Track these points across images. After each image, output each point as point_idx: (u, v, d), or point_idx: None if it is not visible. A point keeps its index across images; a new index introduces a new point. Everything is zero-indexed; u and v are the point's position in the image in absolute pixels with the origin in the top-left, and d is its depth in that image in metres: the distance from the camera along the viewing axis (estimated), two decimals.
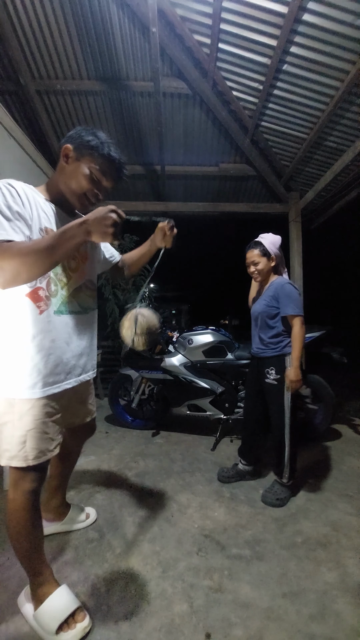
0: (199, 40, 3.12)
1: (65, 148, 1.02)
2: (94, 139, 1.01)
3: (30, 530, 1.05)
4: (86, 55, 3.31)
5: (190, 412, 2.76)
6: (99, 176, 1.03)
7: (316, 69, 2.85)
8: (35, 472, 1.04)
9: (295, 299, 1.77)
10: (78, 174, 1.02)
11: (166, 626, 1.10)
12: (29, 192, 0.98)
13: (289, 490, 1.86)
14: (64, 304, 1.06)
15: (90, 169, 1.01)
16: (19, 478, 1.02)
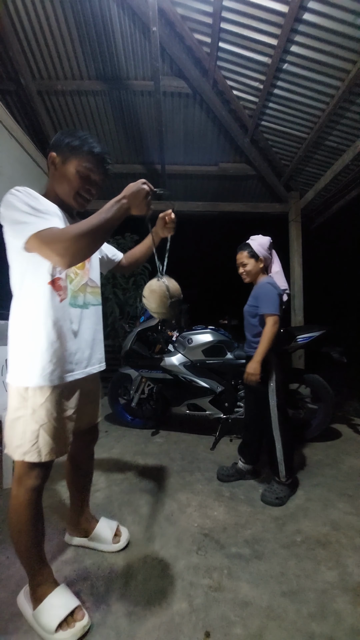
0: (199, 39, 3.12)
1: (50, 156, 1.07)
2: (74, 140, 1.06)
3: (31, 528, 1.05)
4: (87, 55, 3.32)
5: (189, 412, 2.76)
6: (87, 173, 1.07)
7: (317, 68, 2.85)
8: (42, 468, 1.05)
9: (271, 298, 1.79)
10: (68, 176, 1.06)
11: (165, 625, 1.09)
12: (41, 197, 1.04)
13: (289, 488, 1.86)
14: (74, 297, 1.12)
15: (77, 168, 1.06)
16: (24, 474, 1.03)
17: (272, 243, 1.95)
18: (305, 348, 2.65)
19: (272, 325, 1.76)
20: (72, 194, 1.08)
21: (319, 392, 2.56)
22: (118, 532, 1.47)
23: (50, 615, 1.04)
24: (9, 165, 2.98)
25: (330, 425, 2.71)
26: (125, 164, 4.70)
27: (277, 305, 1.78)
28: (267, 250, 1.93)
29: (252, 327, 1.92)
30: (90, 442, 1.41)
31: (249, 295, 1.97)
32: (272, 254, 1.97)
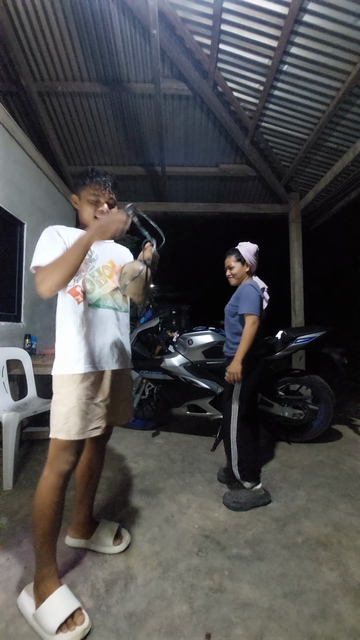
0: (200, 41, 3.14)
1: (72, 198, 1.33)
2: (79, 179, 1.28)
3: (52, 513, 1.11)
4: (87, 58, 3.33)
5: (190, 413, 2.75)
6: (96, 199, 1.27)
7: (316, 69, 2.86)
8: (72, 450, 1.16)
9: (251, 298, 1.82)
10: (85, 208, 1.28)
11: (166, 627, 1.09)
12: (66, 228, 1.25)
13: (255, 496, 1.78)
14: (101, 300, 1.28)
15: (88, 199, 1.27)
16: (56, 456, 1.15)
17: (258, 251, 2.00)
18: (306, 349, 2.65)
19: (251, 324, 1.79)
20: (91, 218, 1.27)
21: (319, 393, 2.56)
22: (119, 534, 1.48)
23: (51, 616, 1.05)
24: (10, 167, 2.99)
25: (331, 426, 2.71)
26: (126, 166, 4.71)
27: (257, 305, 1.81)
28: (254, 257, 1.98)
29: (232, 325, 1.96)
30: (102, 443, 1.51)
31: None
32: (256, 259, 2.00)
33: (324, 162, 4.00)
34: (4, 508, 1.76)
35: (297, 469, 2.22)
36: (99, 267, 1.31)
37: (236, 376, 1.79)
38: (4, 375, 2.47)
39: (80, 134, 4.22)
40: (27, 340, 3.06)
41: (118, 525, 1.51)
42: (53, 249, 1.15)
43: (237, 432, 1.82)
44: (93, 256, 1.29)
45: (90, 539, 1.44)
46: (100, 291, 1.29)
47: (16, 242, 3.22)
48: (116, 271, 1.35)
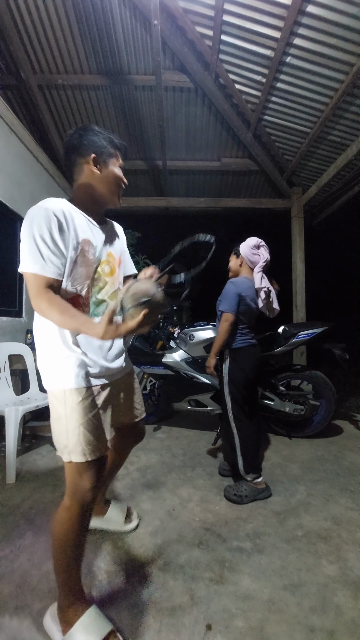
0: (201, 32, 3.08)
1: (94, 159, 1.06)
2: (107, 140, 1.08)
3: (77, 541, 1.00)
4: (87, 49, 3.28)
5: (191, 407, 2.77)
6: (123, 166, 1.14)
7: (320, 61, 2.82)
8: (93, 470, 1.01)
9: (227, 296, 1.89)
10: (113, 175, 1.09)
11: (167, 618, 1.10)
12: (66, 210, 1.02)
13: (255, 490, 1.80)
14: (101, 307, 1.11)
15: (119, 165, 1.12)
16: (75, 478, 0.99)
17: (261, 244, 1.96)
18: (307, 344, 2.65)
19: (223, 321, 1.88)
20: (117, 192, 1.12)
21: (320, 388, 2.56)
22: (129, 514, 1.57)
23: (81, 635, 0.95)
24: (10, 161, 2.97)
25: (332, 422, 2.72)
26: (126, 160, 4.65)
27: (232, 303, 1.86)
28: (252, 249, 1.96)
29: (218, 321, 2.00)
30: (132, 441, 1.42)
31: None
32: (260, 253, 1.96)
33: (327, 155, 3.96)
34: (7, 501, 1.78)
35: (298, 464, 2.23)
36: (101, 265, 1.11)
37: (209, 370, 1.97)
38: (6, 370, 2.48)
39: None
40: (28, 335, 3.07)
41: (128, 506, 1.60)
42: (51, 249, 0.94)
43: (236, 425, 1.86)
44: (95, 254, 1.08)
45: (102, 518, 1.51)
46: (99, 297, 1.11)
47: (16, 237, 3.21)
48: (117, 264, 1.18)
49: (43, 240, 0.93)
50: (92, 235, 1.07)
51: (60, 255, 0.97)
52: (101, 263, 1.11)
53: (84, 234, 1.04)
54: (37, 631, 1.05)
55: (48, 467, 2.18)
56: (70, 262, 0.99)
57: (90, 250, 1.05)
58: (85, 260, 1.03)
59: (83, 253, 1.03)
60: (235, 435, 1.86)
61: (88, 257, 1.04)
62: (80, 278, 1.03)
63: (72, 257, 1.00)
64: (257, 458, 1.88)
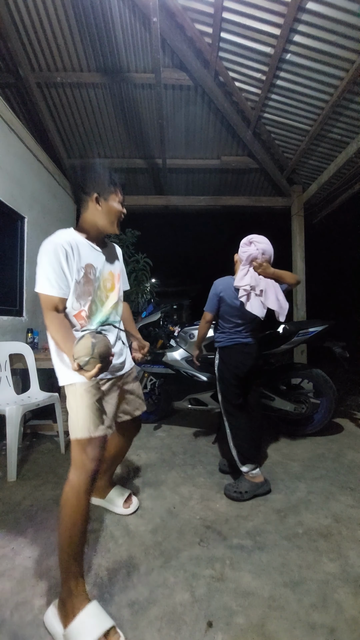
0: (201, 29, 3.07)
1: (94, 198, 1.27)
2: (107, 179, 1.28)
3: (81, 518, 1.10)
4: (86, 47, 3.27)
5: (191, 406, 2.77)
6: (122, 200, 1.34)
7: (320, 58, 2.80)
8: (94, 446, 1.18)
9: (209, 296, 2.03)
10: (113, 209, 1.30)
11: (168, 615, 1.11)
12: (70, 241, 1.22)
13: (254, 485, 1.81)
14: (107, 317, 1.31)
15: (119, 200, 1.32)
16: (80, 454, 1.16)
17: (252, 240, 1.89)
18: (308, 343, 2.65)
19: (202, 319, 2.08)
20: (116, 222, 1.32)
21: (321, 386, 2.56)
22: (129, 500, 1.70)
23: (83, 636, 0.97)
24: (9, 159, 2.96)
25: (333, 420, 2.72)
26: (126, 159, 4.66)
27: (210, 303, 2.03)
28: (242, 246, 1.92)
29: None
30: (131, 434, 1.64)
31: None
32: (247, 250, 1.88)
33: (327, 153, 3.95)
34: (8, 499, 1.78)
35: (298, 462, 2.24)
36: (101, 283, 1.31)
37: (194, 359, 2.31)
38: (6, 369, 2.48)
39: (79, 126, 4.17)
40: (29, 334, 3.07)
41: (130, 492, 1.72)
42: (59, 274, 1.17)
43: (227, 419, 1.95)
44: (97, 274, 1.28)
45: (105, 498, 1.69)
46: (106, 309, 1.31)
47: (17, 236, 3.21)
48: (117, 280, 1.40)
49: (52, 268, 1.16)
50: (94, 259, 1.29)
51: (65, 279, 1.19)
52: (103, 281, 1.32)
53: (87, 259, 1.26)
54: (38, 628, 1.06)
55: (48, 465, 2.18)
56: (75, 284, 1.21)
57: (92, 272, 1.27)
58: (87, 280, 1.25)
59: (86, 275, 1.24)
60: (227, 427, 1.94)
61: (90, 278, 1.25)
62: (84, 295, 1.24)
63: (77, 279, 1.21)
64: (252, 449, 1.89)
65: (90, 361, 1.05)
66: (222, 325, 2.03)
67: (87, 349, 1.05)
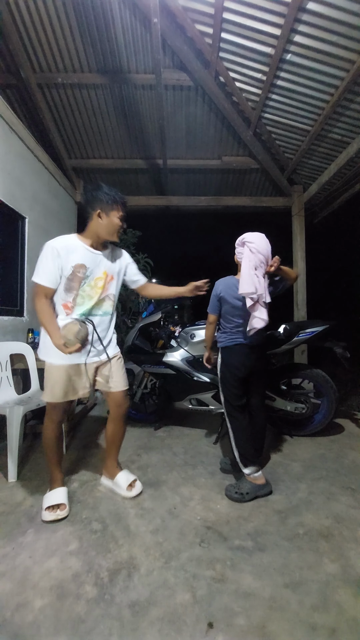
0: (201, 30, 3.08)
1: (97, 213, 1.60)
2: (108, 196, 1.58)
3: (51, 443, 1.71)
4: (87, 48, 3.28)
5: (192, 406, 2.76)
6: (122, 216, 1.64)
7: (321, 58, 2.81)
8: (57, 409, 1.68)
9: (211, 297, 2.02)
10: (112, 223, 1.62)
11: (169, 615, 1.11)
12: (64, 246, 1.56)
13: (256, 486, 1.81)
14: (89, 310, 1.63)
15: (118, 217, 1.62)
16: (49, 411, 1.70)
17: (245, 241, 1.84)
18: (309, 343, 2.64)
19: (207, 321, 2.09)
20: (115, 234, 1.64)
21: (322, 387, 2.55)
22: (133, 484, 1.84)
23: (47, 500, 1.64)
24: (11, 160, 2.97)
25: (333, 420, 2.71)
26: (127, 159, 4.67)
27: (212, 304, 2.03)
28: (237, 247, 1.92)
29: None
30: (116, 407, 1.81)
31: None
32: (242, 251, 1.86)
33: (327, 153, 3.95)
34: (8, 499, 1.78)
35: (299, 462, 2.23)
36: (91, 281, 1.61)
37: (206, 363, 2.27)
38: (7, 369, 2.48)
39: (80, 126, 4.18)
40: (30, 334, 3.07)
41: (135, 478, 1.88)
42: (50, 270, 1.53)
43: (229, 420, 1.94)
44: (87, 273, 1.59)
45: (113, 480, 1.86)
46: (90, 303, 1.62)
47: (18, 236, 3.22)
48: (108, 280, 1.68)
49: (45, 263, 1.53)
50: (88, 260, 1.59)
51: (53, 274, 1.53)
52: (95, 279, 1.63)
53: (79, 260, 1.57)
54: (38, 629, 1.06)
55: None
56: (64, 278, 1.56)
57: (82, 271, 1.58)
58: (75, 277, 1.57)
59: (74, 273, 1.56)
60: (229, 429, 1.93)
61: (78, 276, 1.57)
62: (70, 289, 1.58)
63: (67, 274, 1.56)
64: (253, 451, 1.88)
65: (72, 341, 1.43)
66: (223, 325, 2.00)
67: (73, 332, 1.43)
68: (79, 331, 1.43)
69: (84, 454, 2.35)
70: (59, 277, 1.55)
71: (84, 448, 2.44)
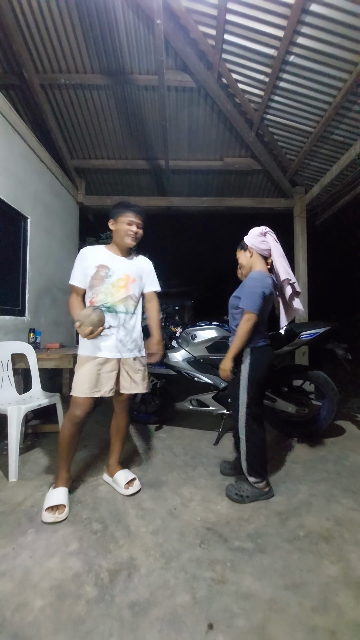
0: (204, 31, 3.08)
1: (110, 223, 1.83)
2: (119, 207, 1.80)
3: (67, 439, 1.73)
4: (90, 49, 3.29)
5: (193, 407, 2.76)
6: (130, 223, 1.78)
7: (323, 60, 2.81)
8: (80, 407, 1.70)
9: (251, 293, 1.71)
10: (122, 230, 1.79)
11: (169, 616, 1.10)
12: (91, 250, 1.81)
13: (257, 491, 1.79)
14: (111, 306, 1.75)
15: (124, 222, 1.78)
16: (71, 408, 1.72)
17: (267, 231, 1.86)
18: (310, 344, 2.64)
19: (246, 321, 1.70)
20: (126, 237, 1.79)
21: (323, 388, 2.55)
22: (131, 483, 1.87)
23: (48, 499, 1.66)
24: (13, 160, 2.98)
25: (334, 422, 2.70)
26: (129, 160, 4.68)
27: (257, 303, 1.69)
28: (258, 237, 1.84)
29: (233, 319, 1.87)
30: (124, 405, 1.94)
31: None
32: (268, 242, 1.85)
33: (330, 155, 3.95)
34: (9, 499, 1.78)
35: (300, 464, 2.23)
36: (114, 280, 1.75)
37: (225, 373, 1.77)
38: (8, 368, 2.49)
39: (83, 127, 4.19)
40: (31, 334, 3.08)
41: (134, 477, 1.91)
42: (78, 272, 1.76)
43: (246, 427, 1.77)
44: (109, 273, 1.75)
45: (112, 477, 1.92)
46: (112, 300, 1.75)
47: (20, 237, 3.22)
48: (130, 282, 1.80)
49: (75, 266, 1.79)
50: (109, 262, 1.77)
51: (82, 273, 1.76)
52: (117, 279, 1.76)
53: (101, 262, 1.76)
54: (38, 629, 1.06)
55: (50, 465, 2.18)
56: (89, 277, 1.75)
57: (104, 270, 1.75)
58: (98, 276, 1.74)
59: (98, 272, 1.75)
60: (244, 439, 1.78)
61: (101, 275, 1.75)
62: (93, 287, 1.75)
63: (91, 274, 1.75)
64: (264, 465, 1.82)
65: (85, 323, 1.55)
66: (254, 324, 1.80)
67: (84, 316, 1.56)
68: (89, 315, 1.56)
69: (84, 454, 2.35)
70: (86, 277, 1.75)
71: (85, 448, 2.44)
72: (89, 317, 1.56)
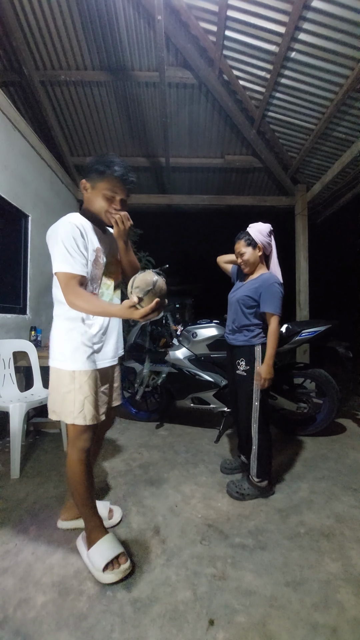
0: (205, 27, 3.06)
1: (82, 183, 1.27)
2: (100, 165, 1.23)
3: (84, 479, 1.29)
4: (90, 45, 3.27)
5: (194, 405, 2.77)
6: (111, 194, 1.25)
7: (325, 56, 2.79)
8: (88, 432, 1.30)
9: (278, 298, 1.75)
10: (97, 199, 1.26)
11: (170, 613, 1.11)
12: (85, 225, 1.25)
13: (258, 490, 1.79)
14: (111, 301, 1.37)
15: (103, 191, 1.24)
16: (76, 436, 1.29)
17: (272, 230, 1.86)
18: (311, 342, 2.64)
19: (277, 325, 1.73)
20: (102, 212, 1.27)
21: (324, 386, 2.55)
22: (111, 510, 1.61)
23: (100, 556, 1.25)
24: (13, 158, 2.97)
25: (335, 420, 2.71)
26: (129, 157, 4.66)
27: (280, 304, 1.75)
28: (267, 237, 1.84)
29: (243, 317, 1.83)
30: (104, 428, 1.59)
31: (244, 284, 1.88)
32: (272, 242, 1.87)
33: (331, 152, 3.93)
34: (11, 496, 1.79)
35: (300, 462, 2.23)
36: (109, 267, 1.37)
37: (269, 382, 1.73)
38: (10, 366, 2.49)
39: (83, 124, 4.17)
40: (32, 332, 3.08)
41: (109, 503, 1.63)
42: (79, 256, 1.18)
43: (259, 428, 1.78)
44: (104, 260, 1.33)
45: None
46: (109, 294, 1.38)
47: (21, 235, 3.22)
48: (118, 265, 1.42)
49: (70, 246, 1.16)
50: (101, 243, 1.31)
51: (83, 257, 1.20)
52: (108, 265, 1.35)
53: (97, 244, 1.28)
54: (40, 625, 1.07)
55: (51, 463, 2.19)
56: (90, 264, 1.24)
57: (101, 256, 1.30)
58: (97, 264, 1.28)
59: (96, 258, 1.27)
60: (256, 443, 1.78)
61: (100, 262, 1.29)
62: (95, 278, 1.29)
63: (92, 259, 1.25)
64: (270, 467, 1.83)
65: (149, 294, 1.03)
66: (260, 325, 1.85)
67: (148, 282, 1.04)
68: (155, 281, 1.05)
69: None
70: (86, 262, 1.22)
71: None
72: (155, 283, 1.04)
